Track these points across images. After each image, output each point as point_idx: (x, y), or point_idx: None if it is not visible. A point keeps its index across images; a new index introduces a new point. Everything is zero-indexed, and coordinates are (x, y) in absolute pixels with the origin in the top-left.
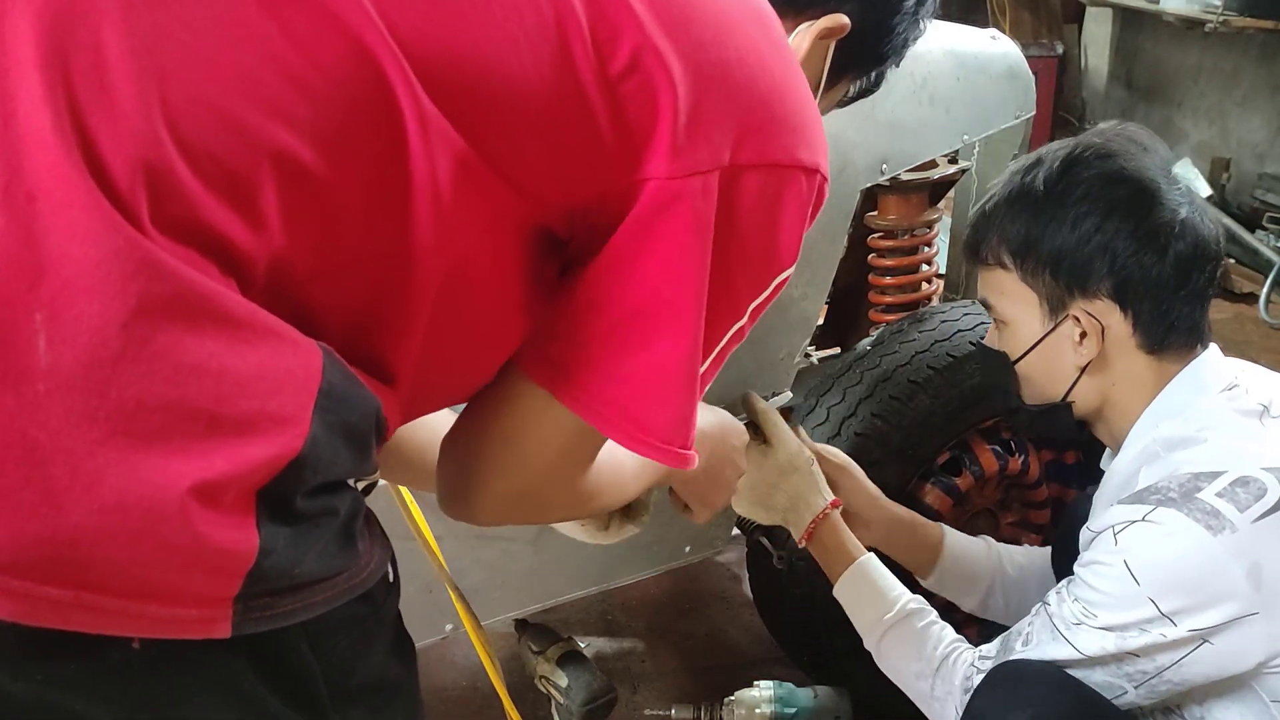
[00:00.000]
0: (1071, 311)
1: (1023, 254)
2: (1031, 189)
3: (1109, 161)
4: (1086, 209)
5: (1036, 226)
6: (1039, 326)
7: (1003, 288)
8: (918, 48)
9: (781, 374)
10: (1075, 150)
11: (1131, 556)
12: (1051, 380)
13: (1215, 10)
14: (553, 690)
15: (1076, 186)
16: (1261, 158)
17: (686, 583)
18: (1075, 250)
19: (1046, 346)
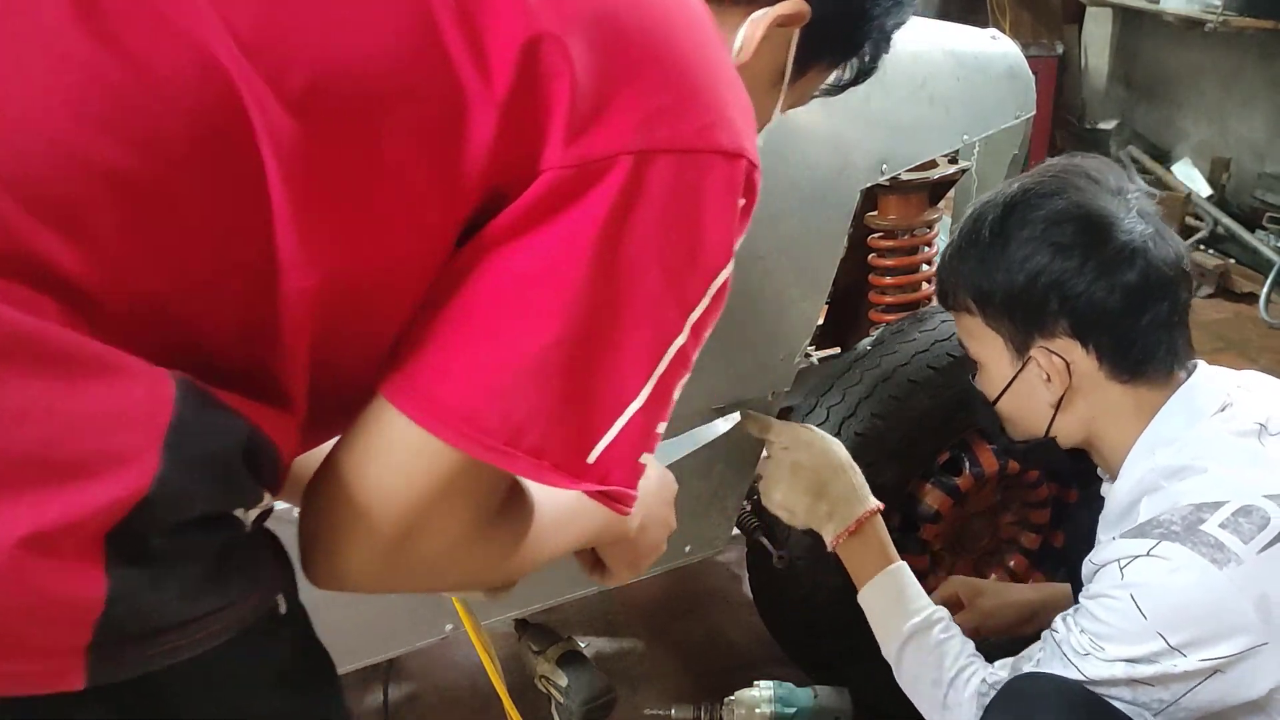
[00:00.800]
0: (1034, 352)
1: (982, 300)
2: (980, 235)
3: (1051, 200)
4: (1032, 250)
5: (989, 272)
6: (1009, 368)
7: (971, 331)
8: (917, 47)
9: (781, 374)
10: (1017, 193)
11: (1138, 591)
12: (1030, 418)
13: (1215, 10)
14: (553, 690)
15: (1022, 228)
16: (1261, 158)
17: (686, 583)
18: (1027, 292)
19: (1019, 386)
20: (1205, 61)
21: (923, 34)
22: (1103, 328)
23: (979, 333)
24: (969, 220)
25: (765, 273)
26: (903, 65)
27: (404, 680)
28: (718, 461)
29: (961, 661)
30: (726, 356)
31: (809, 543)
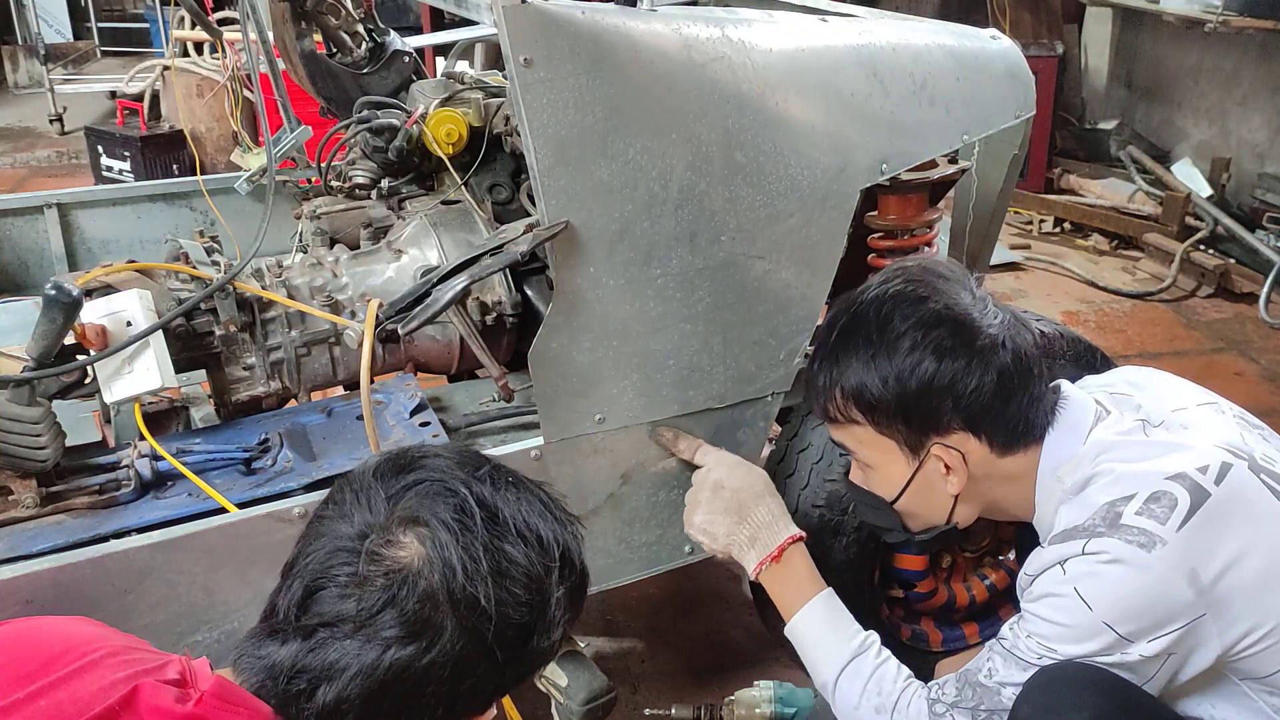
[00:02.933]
0: (931, 451)
1: (871, 410)
2: (856, 346)
3: (921, 305)
4: (918, 358)
5: (875, 383)
6: (905, 468)
7: (861, 440)
8: (917, 47)
9: (781, 374)
10: (886, 300)
11: (1081, 584)
12: (930, 511)
13: (1215, 10)
14: (553, 690)
15: (901, 339)
16: (1261, 158)
17: (686, 583)
18: (920, 398)
19: (917, 484)
20: (1205, 61)
21: (923, 34)
22: (991, 415)
23: (869, 440)
24: (833, 329)
25: (765, 273)
26: (903, 65)
27: None
28: None
29: (901, 684)
30: (727, 356)
31: (809, 543)
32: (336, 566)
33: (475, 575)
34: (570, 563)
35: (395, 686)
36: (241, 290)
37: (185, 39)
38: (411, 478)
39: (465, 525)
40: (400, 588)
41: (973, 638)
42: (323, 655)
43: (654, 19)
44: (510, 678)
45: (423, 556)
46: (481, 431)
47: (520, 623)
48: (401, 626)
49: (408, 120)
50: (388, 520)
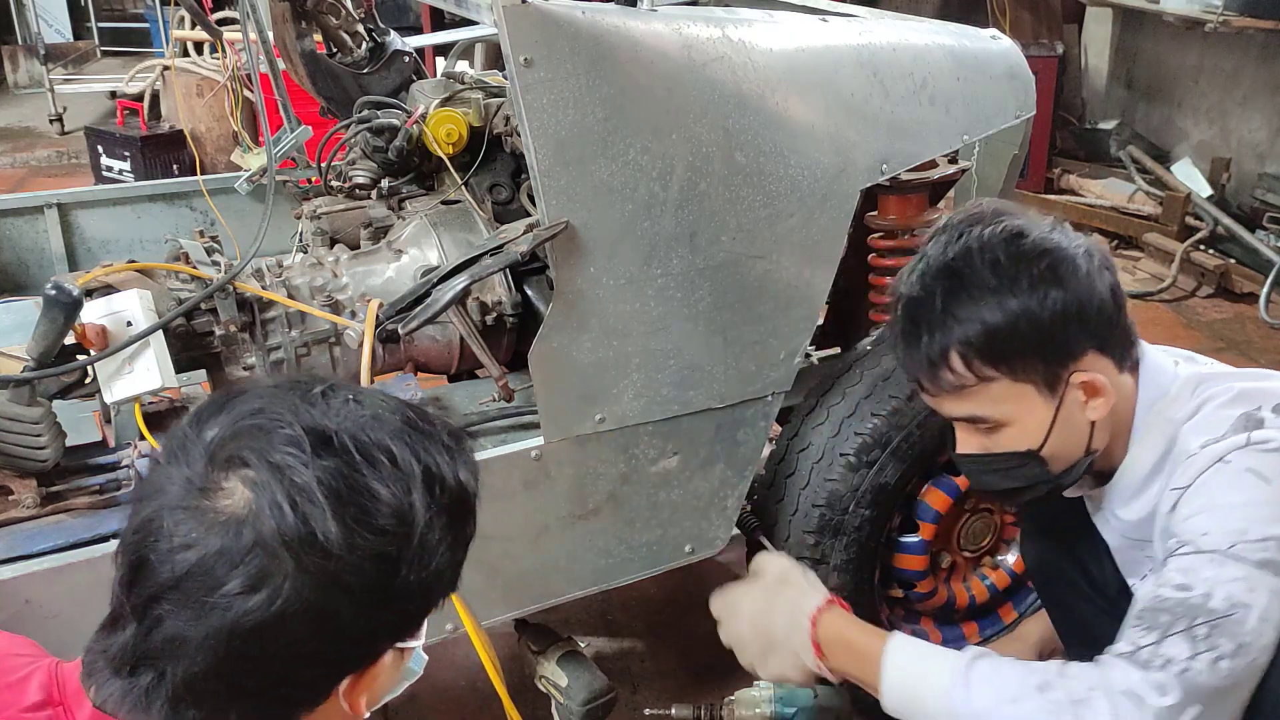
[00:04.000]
0: (1070, 382)
1: (1005, 358)
2: (971, 298)
3: (1021, 240)
4: (1043, 291)
5: (1005, 328)
6: (1046, 410)
7: (993, 397)
8: (918, 47)
9: (781, 374)
10: (986, 246)
11: (1253, 465)
12: (1074, 446)
13: (1215, 10)
14: (553, 690)
15: (1018, 279)
16: (1261, 158)
17: (686, 583)
18: (1055, 330)
19: (1060, 421)
20: (1205, 61)
21: (923, 34)
22: (1113, 329)
23: (1003, 393)
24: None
25: (765, 273)
26: (903, 65)
27: None
28: (718, 461)
29: (1055, 662)
30: (726, 356)
31: (810, 543)
32: (156, 532)
33: (310, 511)
34: (436, 479)
35: (249, 650)
36: (241, 290)
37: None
38: (230, 417)
39: (294, 456)
40: (228, 539)
41: (972, 638)
42: (161, 633)
43: (654, 19)
44: (391, 619)
45: (248, 500)
46: (481, 431)
47: (380, 554)
48: (237, 582)
49: (408, 120)
50: (207, 468)
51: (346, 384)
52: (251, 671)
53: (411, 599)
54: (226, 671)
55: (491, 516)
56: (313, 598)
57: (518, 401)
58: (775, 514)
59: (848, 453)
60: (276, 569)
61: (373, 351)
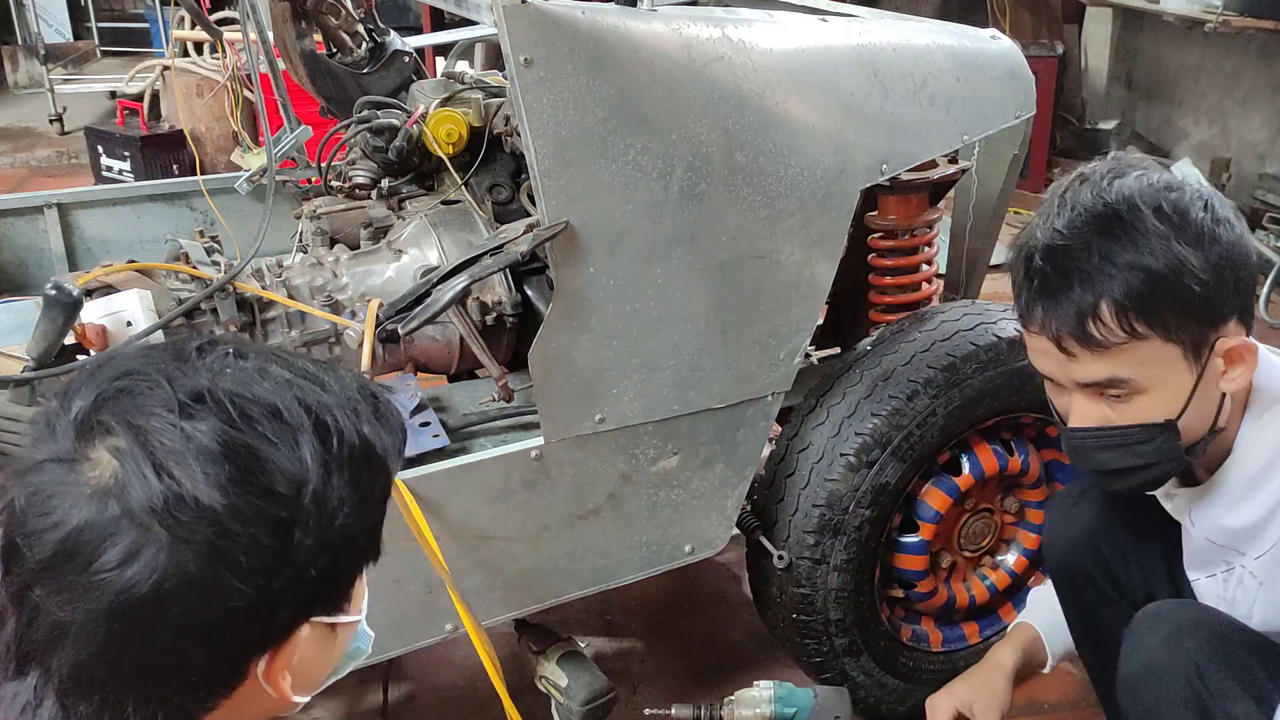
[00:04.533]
0: (1215, 348)
1: (1158, 313)
2: (1135, 243)
3: (1177, 188)
4: (1210, 243)
5: (1169, 275)
6: (1189, 377)
7: (1140, 358)
8: (918, 47)
9: (781, 374)
10: (1145, 190)
11: None
12: (1205, 419)
13: (1215, 10)
14: (553, 690)
15: (1186, 223)
16: (1261, 158)
17: (686, 583)
18: (1212, 287)
19: (1201, 390)
20: (1205, 61)
21: (923, 34)
22: (1250, 296)
23: (1150, 355)
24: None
25: (765, 273)
26: (903, 65)
27: (404, 680)
28: (718, 461)
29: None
30: (727, 357)
31: (810, 543)
32: (23, 513)
33: (181, 475)
34: (331, 432)
35: (131, 631)
36: (241, 290)
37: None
38: (95, 384)
39: (161, 419)
40: (95, 513)
41: (973, 638)
42: (41, 623)
43: (654, 19)
44: (294, 589)
45: (114, 470)
46: (481, 431)
47: (268, 517)
48: (110, 557)
49: (408, 120)
50: (74, 442)
51: (230, 337)
52: (139, 655)
53: (314, 565)
54: (112, 656)
55: (491, 516)
56: (195, 569)
57: (518, 401)
58: (775, 514)
59: (848, 453)
60: (149, 540)
61: (373, 351)
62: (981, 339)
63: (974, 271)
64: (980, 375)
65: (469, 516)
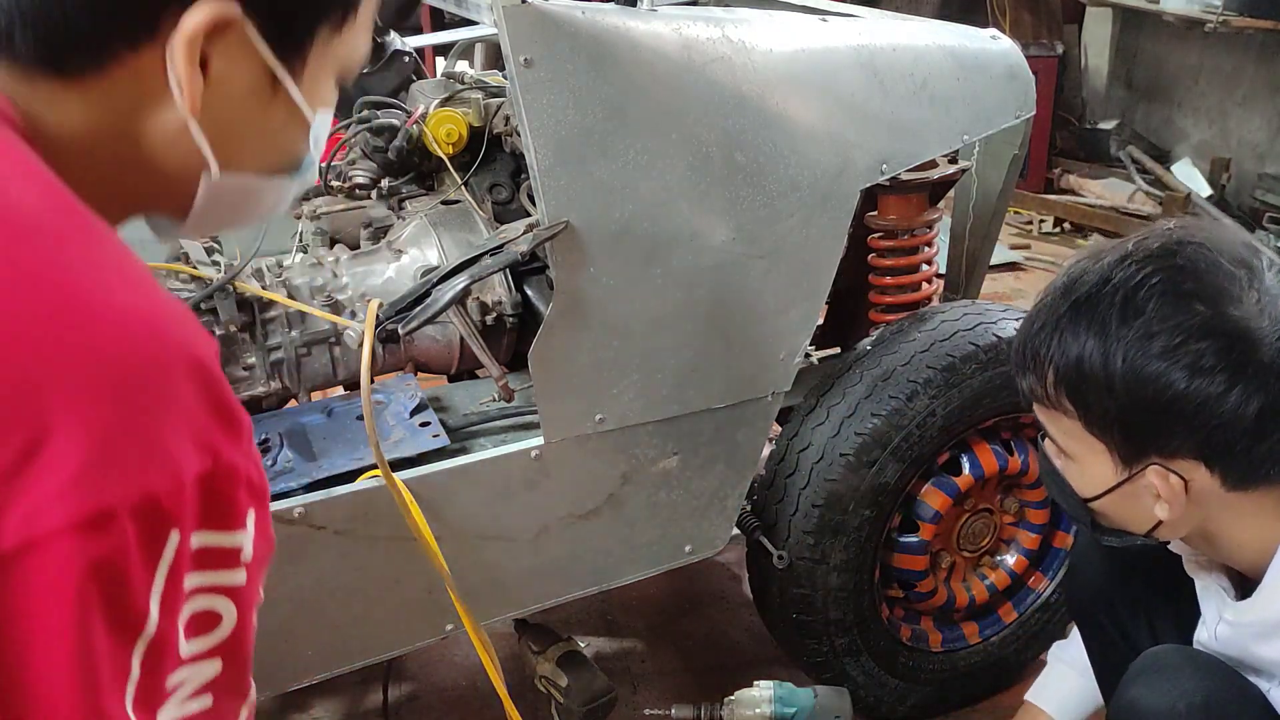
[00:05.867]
0: (1149, 472)
1: (1089, 408)
2: (1090, 328)
3: (1190, 306)
4: (1164, 369)
5: (1100, 380)
6: (1110, 474)
7: (1064, 430)
8: (918, 47)
9: (781, 374)
10: (1146, 286)
11: None
12: (1129, 523)
13: (1215, 10)
14: (553, 690)
15: (1151, 340)
16: (1261, 158)
17: (686, 583)
18: (1152, 415)
19: (1121, 494)
20: (1205, 61)
21: (923, 34)
22: (1236, 451)
23: (1075, 433)
24: (1064, 301)
25: (765, 273)
26: (903, 65)
27: (404, 680)
28: (718, 461)
29: None
30: (727, 356)
31: (810, 543)
32: None
33: None
34: None
35: None
36: (241, 290)
37: None
38: None
39: None
40: None
41: (973, 638)
42: None
43: (654, 19)
44: None
45: None
46: (481, 431)
47: None
48: None
49: (408, 120)
50: None
51: None
52: None
53: None
54: None
55: (491, 516)
56: None
57: (518, 401)
58: (775, 514)
59: (848, 453)
60: None
61: (373, 351)
62: (981, 339)
63: (974, 271)
64: (980, 375)
65: (469, 516)
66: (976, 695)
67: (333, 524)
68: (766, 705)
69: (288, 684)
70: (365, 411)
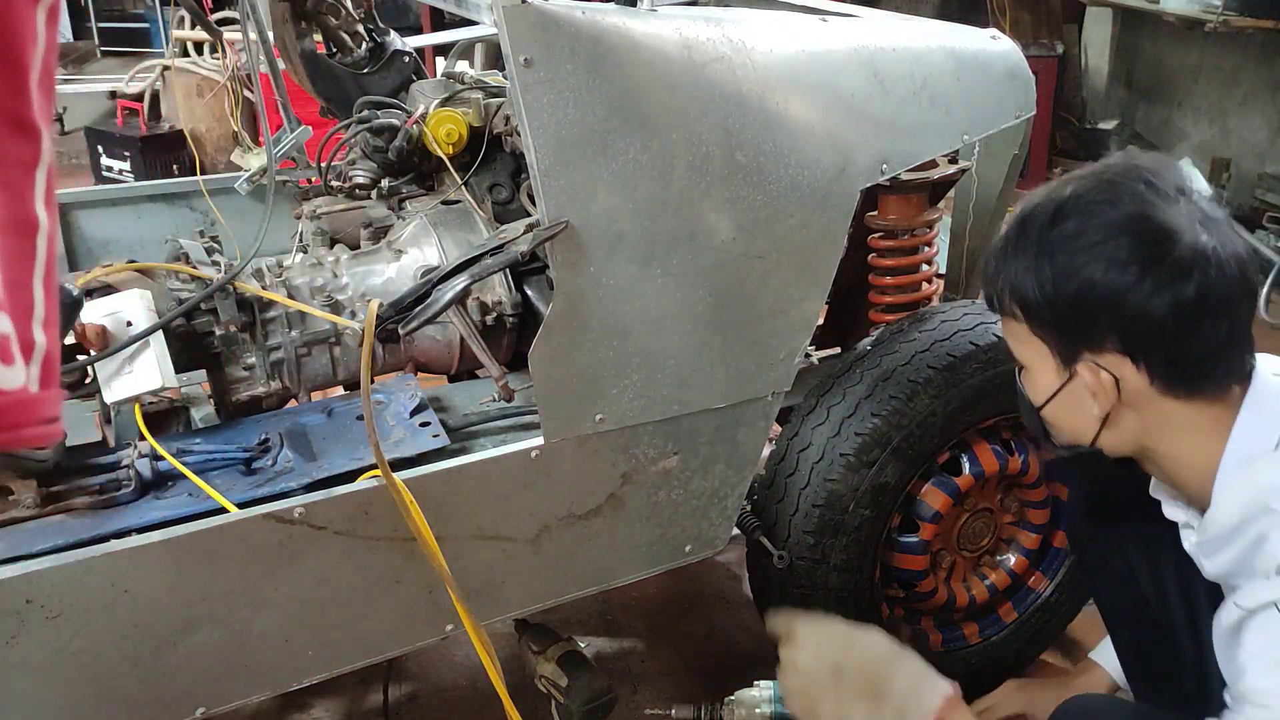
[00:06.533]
0: (1080, 366)
1: (1028, 307)
2: (1027, 240)
3: (1106, 208)
4: (1084, 260)
5: (1038, 280)
6: (1054, 376)
7: (1016, 336)
8: (918, 48)
9: (781, 374)
10: (1069, 198)
11: None
12: (1075, 428)
13: (1215, 10)
14: (553, 690)
15: (1073, 240)
16: (1261, 158)
17: (686, 583)
18: (1076, 305)
19: (1065, 396)
20: (1205, 61)
21: (923, 34)
22: (1155, 345)
23: (1025, 338)
24: (1016, 222)
25: (765, 273)
26: (903, 65)
27: (404, 680)
28: (718, 461)
29: None
30: (727, 356)
31: (810, 543)
32: None
33: None
34: None
35: None
36: (242, 290)
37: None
38: None
39: None
40: None
41: (973, 638)
42: None
43: (654, 19)
44: None
45: None
46: (481, 431)
47: None
48: None
49: (408, 120)
50: None
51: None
52: None
53: None
54: None
55: (491, 516)
56: None
57: (518, 401)
58: (775, 514)
59: (848, 453)
60: None
61: (372, 351)
62: (981, 339)
63: (974, 271)
64: (980, 375)
65: (469, 516)
66: (976, 695)
67: (333, 524)
68: (766, 705)
69: (288, 684)
70: (365, 411)
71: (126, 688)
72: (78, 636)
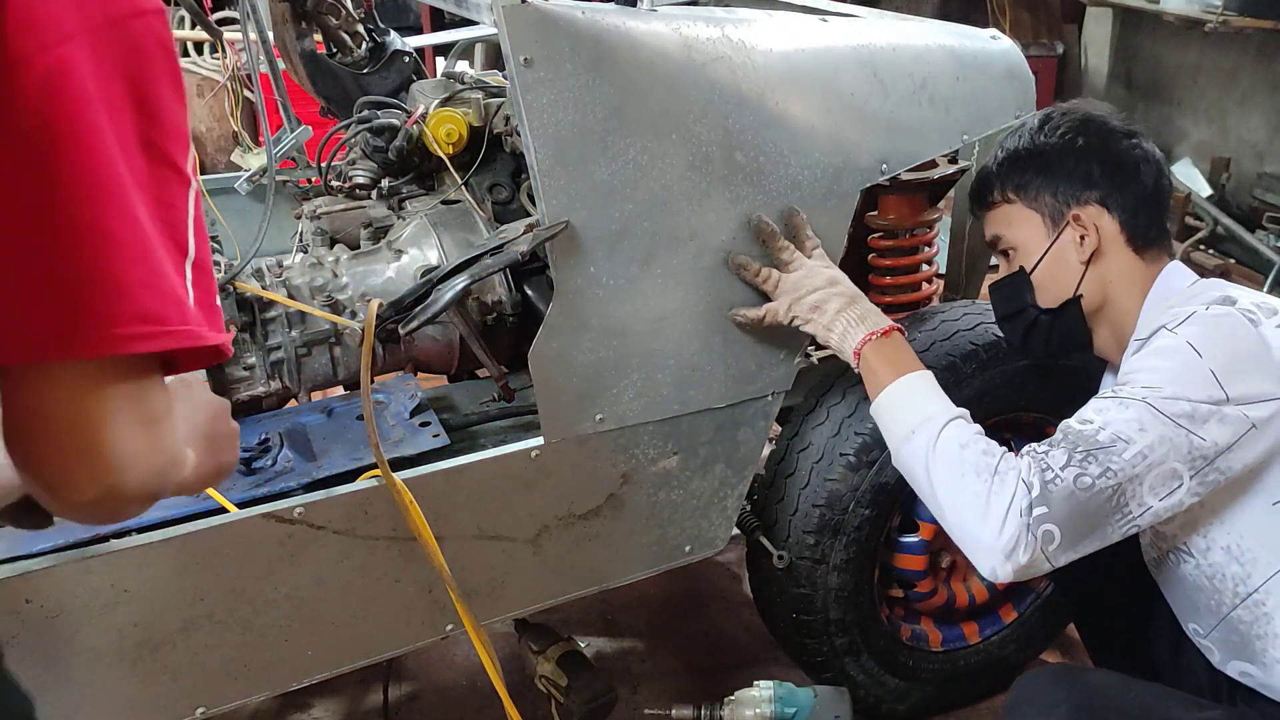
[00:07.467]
0: (1069, 216)
1: (1024, 188)
2: (1021, 145)
3: (1075, 114)
4: (1070, 138)
5: (1032, 167)
6: (1045, 238)
7: (1010, 219)
8: (917, 47)
9: (781, 374)
10: (1049, 113)
11: (1192, 337)
12: (1061, 279)
13: (1215, 10)
14: (553, 690)
15: (1055, 129)
16: (1261, 157)
17: (686, 583)
18: (1067, 174)
19: (1054, 253)
20: (1205, 61)
21: (922, 34)
22: (1125, 201)
23: (1017, 216)
24: (1008, 138)
25: None
26: (903, 65)
27: (404, 680)
28: (718, 461)
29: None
30: (727, 356)
31: (810, 543)
32: None
33: None
34: None
35: None
36: (242, 290)
37: (185, 39)
38: None
39: None
40: None
41: (972, 638)
42: None
43: (654, 19)
44: None
45: None
46: (481, 431)
47: None
48: None
49: (408, 120)
50: None
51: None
52: None
53: None
54: None
55: (491, 516)
56: None
57: (518, 401)
58: (775, 514)
59: (848, 452)
60: None
61: (373, 351)
62: (981, 339)
63: (974, 271)
64: (980, 375)
65: (469, 516)
66: (976, 695)
67: (332, 524)
68: (766, 705)
69: (288, 684)
70: (365, 411)
71: (126, 688)
72: (78, 636)
